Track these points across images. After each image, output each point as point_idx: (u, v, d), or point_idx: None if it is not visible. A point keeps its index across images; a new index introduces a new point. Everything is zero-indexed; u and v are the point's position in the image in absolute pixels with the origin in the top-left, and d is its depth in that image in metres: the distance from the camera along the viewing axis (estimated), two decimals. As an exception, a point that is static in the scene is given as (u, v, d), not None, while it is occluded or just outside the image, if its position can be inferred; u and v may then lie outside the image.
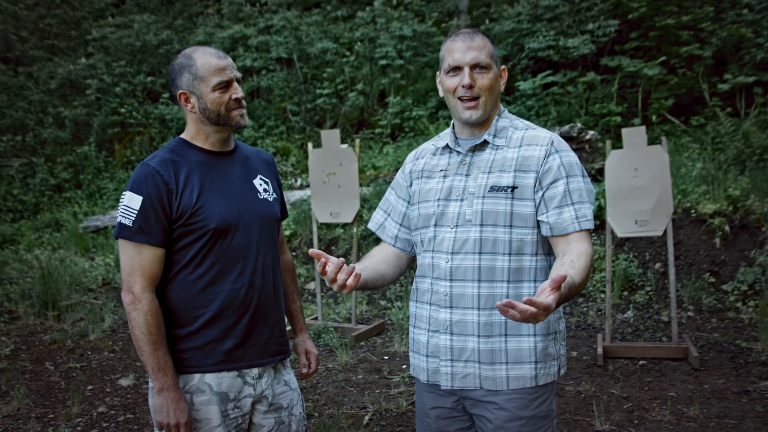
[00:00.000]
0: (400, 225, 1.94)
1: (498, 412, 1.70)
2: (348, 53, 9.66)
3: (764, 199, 5.25)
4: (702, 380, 3.82)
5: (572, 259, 1.59)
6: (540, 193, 1.69)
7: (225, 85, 1.80)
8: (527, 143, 1.73)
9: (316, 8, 11.31)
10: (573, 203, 1.68)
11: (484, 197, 1.70)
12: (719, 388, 3.70)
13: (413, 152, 1.97)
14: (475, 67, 1.70)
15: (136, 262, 1.75)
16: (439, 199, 1.77)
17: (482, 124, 1.77)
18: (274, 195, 1.99)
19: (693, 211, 5.37)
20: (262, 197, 1.93)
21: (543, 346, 1.71)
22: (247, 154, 1.98)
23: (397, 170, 7.32)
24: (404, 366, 4.34)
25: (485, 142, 1.76)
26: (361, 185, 6.45)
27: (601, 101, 7.55)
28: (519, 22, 8.44)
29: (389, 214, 1.97)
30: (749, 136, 6.12)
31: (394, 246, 1.95)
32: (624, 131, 4.31)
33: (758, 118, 6.64)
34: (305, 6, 11.54)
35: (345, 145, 5.00)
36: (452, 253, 1.72)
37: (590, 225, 1.69)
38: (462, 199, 1.73)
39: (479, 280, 1.69)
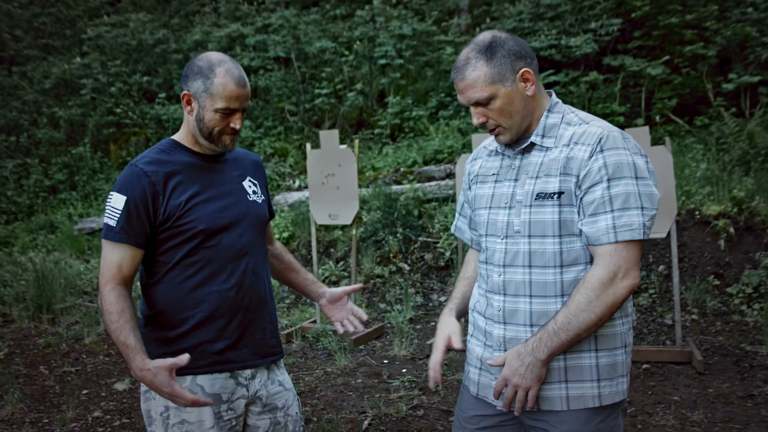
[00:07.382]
0: (470, 228, 1.89)
1: (559, 425, 1.59)
2: (347, 52, 9.59)
3: (769, 200, 5.20)
4: (706, 384, 3.78)
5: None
6: (579, 199, 1.55)
7: (230, 113, 1.78)
8: (575, 141, 1.57)
9: (315, 7, 11.23)
10: (612, 210, 1.50)
11: (531, 206, 1.59)
12: (724, 392, 3.66)
13: (471, 154, 1.89)
14: (477, 104, 1.61)
15: (113, 261, 1.73)
16: (489, 207, 1.69)
17: (527, 128, 1.64)
18: (262, 197, 1.99)
19: (697, 212, 5.31)
20: (251, 199, 1.92)
21: (608, 362, 1.58)
22: (236, 156, 1.98)
23: (396, 171, 7.26)
24: (404, 370, 4.29)
25: (533, 144, 1.64)
26: (360, 186, 6.39)
27: (603, 101, 7.49)
28: (520, 21, 8.37)
29: (463, 216, 1.93)
30: (754, 136, 6.07)
31: (471, 247, 1.91)
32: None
33: (763, 118, 6.56)
34: (303, 4, 11.46)
35: (344, 146, 4.95)
36: (504, 266, 1.63)
37: (632, 236, 1.48)
38: (510, 207, 1.63)
39: (530, 296, 1.59)
